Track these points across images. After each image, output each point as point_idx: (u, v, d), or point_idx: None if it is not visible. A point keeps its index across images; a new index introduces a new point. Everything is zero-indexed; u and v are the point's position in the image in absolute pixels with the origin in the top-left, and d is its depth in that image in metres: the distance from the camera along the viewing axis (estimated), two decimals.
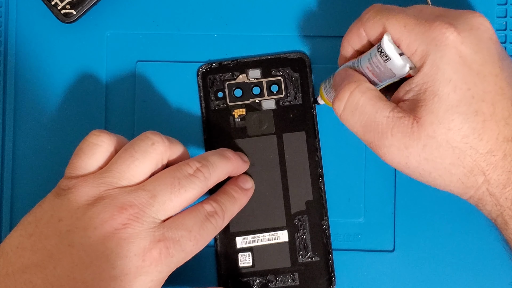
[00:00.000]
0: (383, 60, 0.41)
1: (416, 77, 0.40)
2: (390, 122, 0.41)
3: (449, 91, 0.39)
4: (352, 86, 0.42)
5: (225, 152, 0.46)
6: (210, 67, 0.50)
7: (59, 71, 0.51)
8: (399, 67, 0.41)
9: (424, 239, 0.49)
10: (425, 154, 0.40)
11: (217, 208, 0.45)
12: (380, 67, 0.42)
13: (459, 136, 0.40)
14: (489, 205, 0.41)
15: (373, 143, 0.42)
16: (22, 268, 0.40)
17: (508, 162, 0.40)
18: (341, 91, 0.42)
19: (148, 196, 0.42)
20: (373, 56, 0.42)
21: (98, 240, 0.41)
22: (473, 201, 0.42)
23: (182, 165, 0.44)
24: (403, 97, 0.41)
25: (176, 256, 0.42)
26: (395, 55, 0.41)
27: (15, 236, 0.42)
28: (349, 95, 0.42)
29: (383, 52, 0.41)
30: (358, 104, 0.42)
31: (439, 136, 0.40)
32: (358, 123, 0.42)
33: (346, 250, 0.49)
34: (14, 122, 0.51)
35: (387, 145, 0.41)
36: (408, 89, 0.41)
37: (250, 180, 0.48)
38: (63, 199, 0.42)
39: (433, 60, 0.40)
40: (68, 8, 0.50)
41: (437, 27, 0.40)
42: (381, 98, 0.42)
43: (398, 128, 0.40)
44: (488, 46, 0.40)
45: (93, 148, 0.44)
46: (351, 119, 0.42)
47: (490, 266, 0.49)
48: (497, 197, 0.41)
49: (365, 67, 0.43)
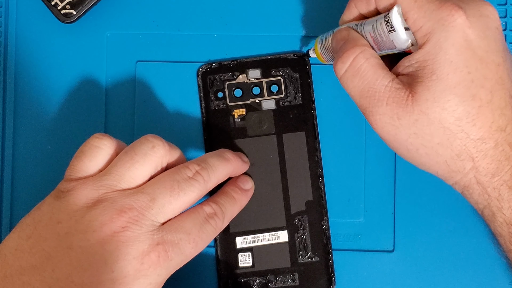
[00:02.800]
0: (388, 30, 0.41)
1: (417, 54, 0.41)
2: (387, 91, 0.41)
3: (449, 71, 0.39)
4: (357, 50, 0.42)
5: (225, 153, 0.46)
6: (210, 67, 0.50)
7: (59, 71, 0.51)
8: (401, 41, 0.41)
9: (424, 239, 0.49)
10: (415, 129, 0.40)
11: (217, 210, 0.45)
12: (382, 36, 0.42)
13: (452, 117, 0.40)
14: (476, 194, 0.41)
15: (368, 108, 0.42)
16: (20, 271, 0.40)
17: (499, 152, 0.40)
18: (345, 54, 0.42)
19: (148, 199, 0.42)
20: (378, 24, 0.42)
21: (97, 243, 0.40)
22: (459, 188, 0.42)
23: (182, 168, 0.44)
24: (402, 71, 0.42)
25: (175, 259, 0.42)
26: (400, 28, 0.41)
27: (13, 238, 0.42)
28: (354, 59, 0.42)
29: (390, 22, 0.41)
30: (360, 69, 0.42)
31: (432, 114, 0.40)
32: (357, 87, 0.42)
33: (346, 250, 0.49)
34: (14, 121, 0.51)
35: (381, 112, 0.41)
36: (407, 64, 0.41)
37: (250, 181, 0.48)
38: (62, 202, 0.42)
39: (437, 39, 0.40)
40: (68, 8, 0.50)
41: (447, 8, 0.40)
42: (383, 67, 0.42)
43: (394, 98, 0.41)
44: (495, 35, 0.41)
45: (95, 151, 0.44)
46: (351, 83, 0.43)
47: (490, 266, 0.49)
48: (485, 186, 0.41)
49: (368, 33, 0.43)
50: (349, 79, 0.43)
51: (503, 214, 0.41)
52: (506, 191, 0.40)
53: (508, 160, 0.40)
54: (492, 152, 0.40)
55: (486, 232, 0.48)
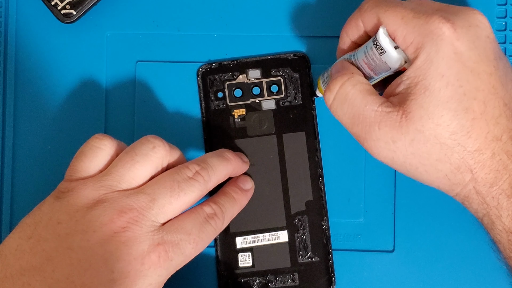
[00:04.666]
0: (378, 53, 0.41)
1: (409, 70, 0.40)
2: (378, 116, 0.41)
3: (441, 86, 0.39)
4: (344, 78, 0.42)
5: (225, 153, 0.46)
6: (210, 67, 0.50)
7: (59, 71, 0.51)
8: (394, 60, 0.41)
9: (424, 239, 0.49)
10: (412, 149, 0.40)
11: (217, 210, 0.45)
12: (375, 59, 0.42)
13: (448, 132, 0.39)
14: (476, 203, 0.41)
15: (361, 136, 0.42)
16: (20, 271, 0.40)
17: (496, 161, 0.40)
18: (332, 82, 0.42)
19: (148, 200, 0.42)
20: (368, 49, 0.42)
21: (97, 243, 0.40)
22: (459, 199, 0.42)
23: (182, 168, 0.44)
24: (394, 90, 0.41)
25: (175, 260, 0.42)
26: (390, 48, 0.41)
27: (13, 239, 0.42)
28: (340, 87, 0.42)
29: (379, 45, 0.41)
30: (347, 96, 0.42)
31: (427, 131, 0.40)
32: (347, 115, 0.42)
33: (346, 250, 0.49)
34: (14, 121, 0.51)
35: (374, 138, 0.41)
36: (399, 81, 0.41)
37: (250, 181, 0.48)
38: (63, 202, 0.42)
39: (428, 53, 0.40)
40: (68, 8, 0.50)
41: (434, 21, 0.40)
42: (372, 92, 0.42)
43: (386, 122, 0.40)
44: (485, 44, 0.40)
45: (95, 152, 0.44)
46: (340, 111, 0.42)
47: (490, 266, 0.49)
48: (484, 196, 0.41)
49: (361, 60, 0.43)
50: (338, 107, 0.42)
51: (502, 223, 0.41)
52: (504, 200, 0.40)
53: (506, 169, 0.40)
54: (489, 162, 0.40)
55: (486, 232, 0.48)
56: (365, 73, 0.43)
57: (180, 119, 0.50)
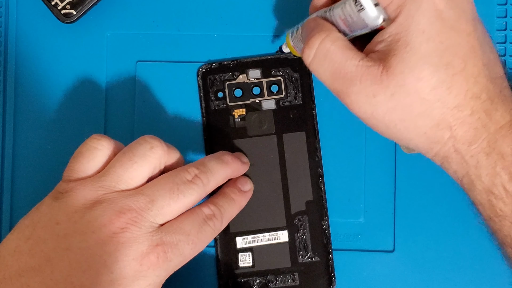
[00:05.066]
0: (357, 9, 0.41)
1: (390, 27, 0.40)
2: (359, 70, 0.40)
3: (422, 41, 0.39)
4: (323, 35, 0.42)
5: (224, 156, 0.46)
6: (210, 67, 0.50)
7: (59, 71, 0.51)
8: (372, 18, 0.41)
9: (424, 239, 0.49)
10: (393, 103, 0.40)
11: (216, 211, 0.45)
12: (353, 16, 0.41)
13: (428, 87, 0.39)
14: (455, 163, 0.41)
15: (342, 91, 0.41)
16: (19, 272, 0.40)
17: (475, 119, 0.40)
18: (311, 39, 0.42)
19: (147, 201, 0.42)
20: (347, 5, 0.41)
21: (96, 244, 0.40)
22: (438, 159, 0.42)
23: (181, 171, 0.43)
24: (374, 47, 0.41)
25: (174, 260, 0.42)
26: (369, 5, 0.40)
27: (12, 240, 0.42)
28: (320, 43, 0.42)
29: (358, 1, 0.41)
30: (328, 52, 0.41)
31: (409, 85, 0.39)
32: (328, 71, 0.42)
33: (346, 250, 0.49)
34: (14, 121, 0.51)
35: (355, 92, 0.41)
36: (381, 39, 0.41)
37: (249, 182, 0.48)
38: (61, 203, 0.42)
39: (409, 10, 0.40)
40: (68, 8, 0.50)
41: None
42: (351, 47, 0.42)
43: (367, 76, 0.40)
44: (463, 5, 0.41)
45: (93, 152, 0.43)
46: (321, 68, 0.42)
47: (490, 266, 0.49)
48: (463, 154, 0.40)
49: (337, 16, 0.42)
50: (319, 64, 0.42)
51: (482, 182, 0.40)
52: (484, 159, 0.40)
53: (484, 127, 0.40)
54: (469, 119, 0.40)
55: (486, 232, 0.48)
56: (340, 29, 0.43)
57: (180, 119, 0.50)
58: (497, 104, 0.40)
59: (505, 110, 0.40)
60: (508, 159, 0.40)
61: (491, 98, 0.40)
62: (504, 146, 0.40)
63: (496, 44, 0.50)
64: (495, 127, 0.40)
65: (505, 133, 0.40)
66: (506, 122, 0.40)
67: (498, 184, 0.40)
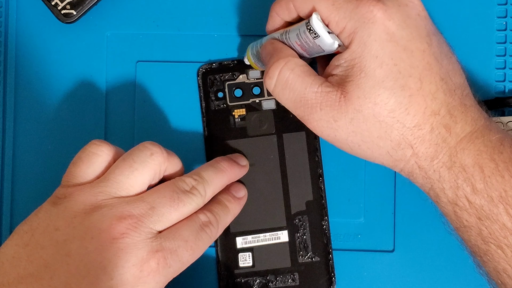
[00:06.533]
0: (312, 37, 0.42)
1: (345, 54, 0.41)
2: (319, 97, 0.42)
3: (376, 67, 0.40)
4: (281, 63, 0.43)
5: (220, 164, 0.46)
6: (210, 67, 0.50)
7: (59, 71, 0.51)
8: (328, 45, 0.42)
9: (424, 239, 0.49)
10: (353, 127, 0.41)
11: (211, 218, 0.44)
12: (309, 43, 0.42)
13: (386, 110, 0.40)
14: (420, 178, 0.42)
15: (304, 117, 0.43)
16: (18, 279, 0.40)
17: (435, 135, 0.41)
18: (270, 69, 0.43)
19: (147, 208, 0.42)
20: (301, 32, 0.42)
21: (96, 250, 0.40)
22: (404, 174, 0.43)
23: (178, 181, 0.43)
24: (332, 71, 0.42)
25: (173, 266, 0.42)
26: (324, 33, 0.41)
27: (10, 246, 0.41)
28: (279, 73, 0.43)
29: (312, 30, 0.41)
30: (288, 81, 0.42)
31: (365, 110, 0.40)
32: (289, 99, 0.43)
33: (346, 250, 0.49)
34: (14, 121, 0.51)
35: (317, 118, 0.42)
36: (337, 64, 0.42)
37: (243, 189, 0.48)
38: (60, 208, 0.42)
39: (361, 37, 0.40)
40: (68, 8, 0.50)
41: (365, 4, 0.41)
42: (310, 73, 0.43)
43: (327, 102, 0.41)
44: (416, 22, 0.41)
45: (92, 158, 0.43)
46: (282, 96, 0.43)
47: None
48: (426, 170, 0.41)
49: (294, 41, 0.43)
50: (280, 92, 0.43)
51: (446, 195, 0.41)
52: (446, 173, 0.41)
53: (445, 142, 0.41)
54: (428, 136, 0.41)
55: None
56: (298, 53, 0.44)
57: (180, 119, 0.50)
58: (457, 117, 0.41)
59: (466, 121, 0.41)
60: (469, 171, 0.40)
61: (450, 112, 0.41)
62: (464, 158, 0.40)
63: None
64: (455, 141, 0.41)
65: (465, 146, 0.41)
66: (466, 134, 0.41)
67: (461, 196, 0.41)
